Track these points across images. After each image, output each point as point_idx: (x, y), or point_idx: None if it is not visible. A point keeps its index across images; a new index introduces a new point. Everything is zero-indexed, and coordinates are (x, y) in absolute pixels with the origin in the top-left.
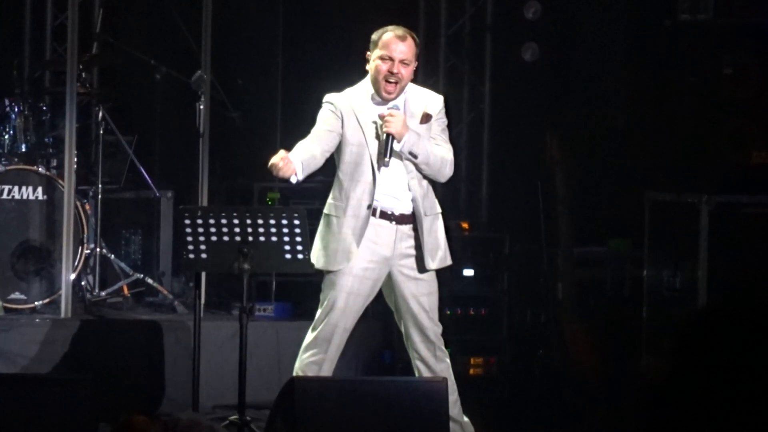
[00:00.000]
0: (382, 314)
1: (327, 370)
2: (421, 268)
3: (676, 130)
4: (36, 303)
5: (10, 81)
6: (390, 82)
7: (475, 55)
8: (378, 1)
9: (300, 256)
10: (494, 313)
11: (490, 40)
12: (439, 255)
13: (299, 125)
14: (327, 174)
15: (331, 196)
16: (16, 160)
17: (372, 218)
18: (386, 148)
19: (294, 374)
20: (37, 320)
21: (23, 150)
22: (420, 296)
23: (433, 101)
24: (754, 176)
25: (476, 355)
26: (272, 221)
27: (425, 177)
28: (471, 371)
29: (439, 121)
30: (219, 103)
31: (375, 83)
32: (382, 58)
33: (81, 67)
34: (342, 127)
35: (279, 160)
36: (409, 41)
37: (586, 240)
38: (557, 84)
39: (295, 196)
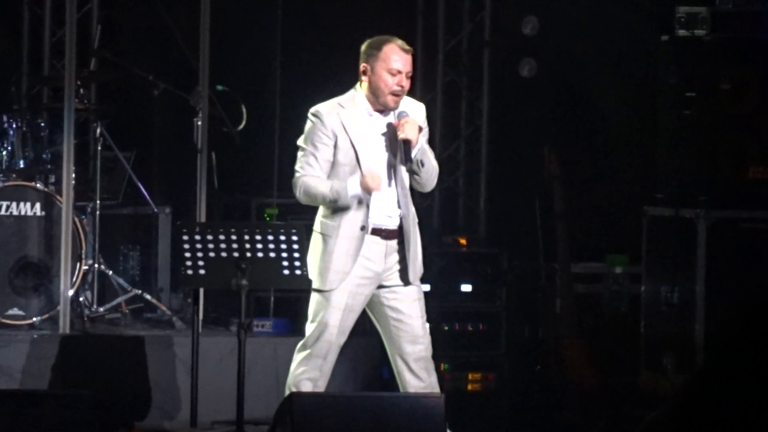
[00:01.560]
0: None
1: (322, 386)
2: (405, 279)
3: (673, 146)
4: (34, 319)
5: (9, 97)
6: (396, 96)
7: (473, 70)
8: (376, 17)
9: (298, 272)
10: (492, 329)
11: (487, 55)
12: (417, 265)
13: (297, 141)
14: None
15: (321, 213)
16: (14, 176)
17: (371, 237)
18: (405, 154)
19: (287, 390)
20: (36, 336)
21: (21, 166)
22: (411, 302)
23: (418, 111)
24: (752, 191)
25: (474, 370)
26: (270, 237)
27: (408, 186)
28: (469, 387)
29: (425, 131)
30: (217, 119)
31: (378, 95)
32: (390, 72)
33: (79, 83)
34: (335, 146)
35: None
36: (410, 53)
37: (583, 255)
38: (555, 99)
39: (293, 212)
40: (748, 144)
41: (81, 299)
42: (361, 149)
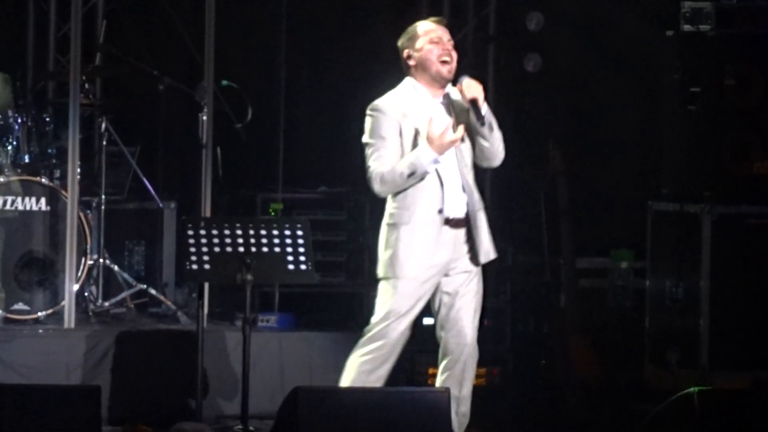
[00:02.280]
0: None
1: (382, 374)
2: (475, 262)
3: (678, 141)
4: (39, 314)
5: (14, 92)
6: (446, 63)
7: (477, 66)
8: (381, 13)
9: (303, 267)
10: (497, 324)
11: (492, 51)
12: (484, 249)
13: (302, 136)
14: (330, 185)
15: (393, 205)
16: (19, 171)
17: (446, 228)
18: (476, 114)
19: (344, 373)
20: (41, 331)
21: (26, 161)
22: (467, 294)
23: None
24: (757, 186)
25: (479, 365)
26: (275, 232)
27: (472, 170)
28: (474, 382)
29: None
30: (222, 114)
31: (428, 69)
32: (432, 41)
33: (84, 78)
34: (400, 135)
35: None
36: (443, 23)
37: (588, 251)
38: (560, 95)
39: (299, 208)
40: (753, 139)
41: (86, 294)
42: (425, 134)
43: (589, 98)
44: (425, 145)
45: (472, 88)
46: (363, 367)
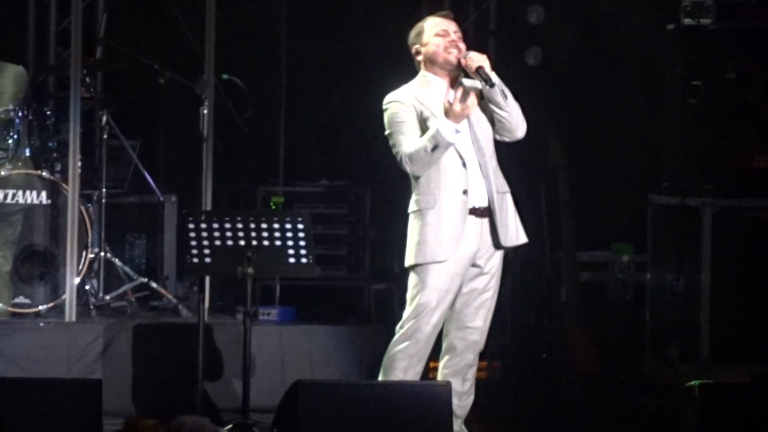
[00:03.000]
0: (385, 318)
1: (417, 367)
2: (497, 246)
3: (678, 134)
4: (40, 307)
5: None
6: (453, 49)
7: None
8: (381, 7)
9: (304, 260)
10: (498, 318)
11: (493, 44)
12: (510, 234)
13: (303, 130)
14: (331, 178)
15: (416, 192)
16: (20, 164)
17: (471, 218)
18: (485, 80)
19: (382, 370)
20: (42, 324)
21: (27, 154)
22: (485, 296)
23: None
24: (757, 180)
25: (480, 359)
26: (276, 225)
27: (493, 155)
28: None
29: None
30: (223, 107)
31: (436, 59)
32: (438, 35)
33: (85, 71)
34: (418, 120)
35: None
36: (450, 18)
37: (589, 244)
38: (560, 88)
39: (299, 200)
40: (754, 132)
41: (87, 287)
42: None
43: (590, 92)
44: (442, 117)
45: (475, 58)
46: (400, 364)
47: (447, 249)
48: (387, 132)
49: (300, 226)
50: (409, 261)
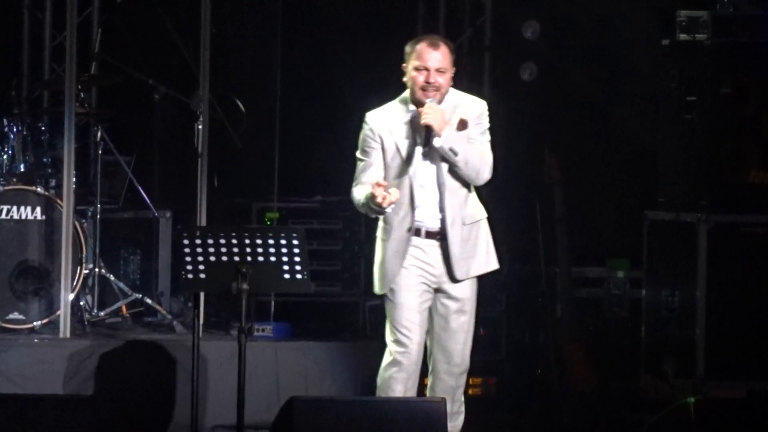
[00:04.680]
0: (380, 334)
1: (411, 387)
2: (453, 279)
3: (674, 150)
4: (35, 323)
5: (9, 101)
6: (427, 91)
7: (473, 74)
8: (376, 21)
9: (299, 276)
10: (493, 333)
11: (488, 59)
12: (474, 264)
13: (297, 145)
14: (326, 194)
15: (381, 218)
16: (14, 180)
17: (418, 239)
18: (426, 138)
19: (378, 393)
20: (36, 340)
21: (22, 170)
22: (457, 314)
23: (471, 106)
24: (753, 195)
25: (475, 375)
26: (271, 241)
27: (463, 185)
28: (470, 391)
29: (479, 126)
30: (218, 123)
31: (413, 94)
32: (417, 69)
33: (80, 87)
34: (382, 150)
35: (381, 191)
36: (443, 49)
37: (584, 260)
38: (555, 103)
39: (294, 216)
40: (749, 148)
41: (81, 303)
42: (406, 153)
43: (585, 107)
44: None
45: (428, 115)
46: (391, 384)
47: (387, 283)
48: (357, 153)
49: (295, 241)
50: (375, 289)
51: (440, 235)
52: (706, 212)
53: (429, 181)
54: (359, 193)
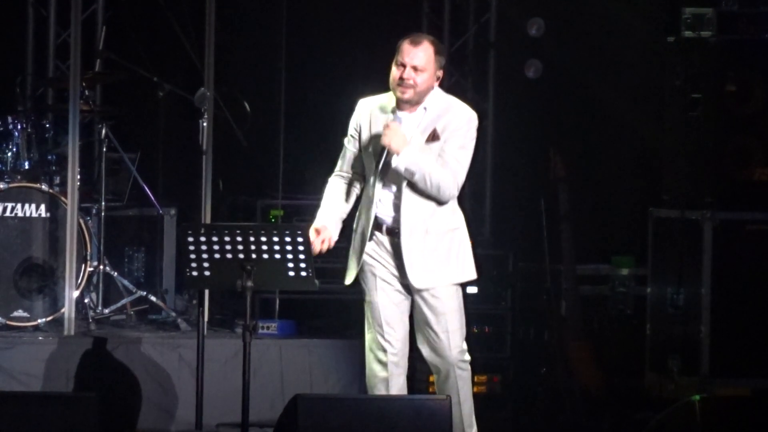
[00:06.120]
0: None
1: (397, 384)
2: (416, 287)
3: (679, 147)
4: (39, 321)
5: (13, 98)
6: (401, 87)
7: (478, 71)
8: (381, 19)
9: (303, 273)
10: (498, 331)
11: (493, 56)
12: (444, 273)
13: (302, 142)
14: None
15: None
16: (19, 177)
17: (380, 234)
18: (379, 159)
19: (368, 392)
20: (40, 338)
21: (26, 167)
22: (438, 314)
23: (456, 116)
24: (758, 193)
25: (480, 373)
26: (275, 239)
27: (428, 197)
28: (475, 389)
29: (456, 138)
30: (222, 120)
31: (392, 88)
32: (395, 64)
33: (84, 84)
34: (359, 135)
35: (318, 242)
36: (425, 46)
37: (589, 257)
38: (560, 101)
39: (299, 214)
40: (754, 145)
41: (86, 301)
42: (377, 147)
43: (590, 104)
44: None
45: (388, 136)
46: (375, 383)
47: (349, 277)
48: None
49: (299, 239)
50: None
51: (388, 230)
52: (711, 209)
53: (395, 180)
54: (325, 197)
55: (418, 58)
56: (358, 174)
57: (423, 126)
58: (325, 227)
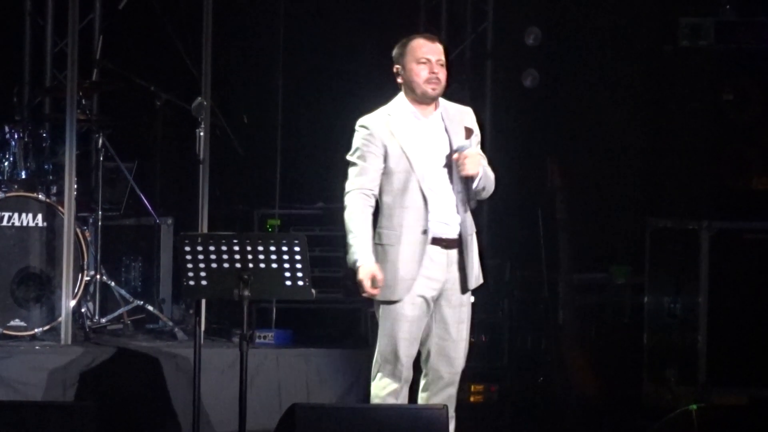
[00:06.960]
0: None
1: (403, 397)
2: (464, 289)
3: (676, 156)
4: (36, 330)
5: (10, 107)
6: (431, 83)
7: (475, 81)
8: (378, 29)
9: (300, 282)
10: (495, 340)
11: (490, 66)
12: (475, 274)
13: (299, 152)
14: (328, 201)
15: (380, 224)
16: (16, 186)
17: (430, 247)
18: (467, 191)
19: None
20: (37, 347)
21: (23, 177)
22: (459, 323)
23: (467, 114)
24: (755, 202)
25: (477, 382)
26: (272, 248)
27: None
28: (472, 398)
29: (477, 137)
30: (219, 130)
31: (415, 89)
32: (419, 62)
33: (81, 93)
34: (385, 156)
35: (374, 286)
36: (438, 43)
37: (587, 266)
38: (557, 110)
39: (296, 223)
40: (752, 154)
41: (83, 310)
42: (413, 155)
43: (588, 113)
44: (364, 267)
45: (468, 165)
46: (385, 397)
47: (405, 288)
48: (349, 158)
49: (296, 248)
50: (387, 296)
51: (446, 243)
52: (709, 219)
53: (439, 186)
54: (353, 220)
55: (439, 51)
56: (376, 190)
57: (453, 129)
58: (378, 268)
